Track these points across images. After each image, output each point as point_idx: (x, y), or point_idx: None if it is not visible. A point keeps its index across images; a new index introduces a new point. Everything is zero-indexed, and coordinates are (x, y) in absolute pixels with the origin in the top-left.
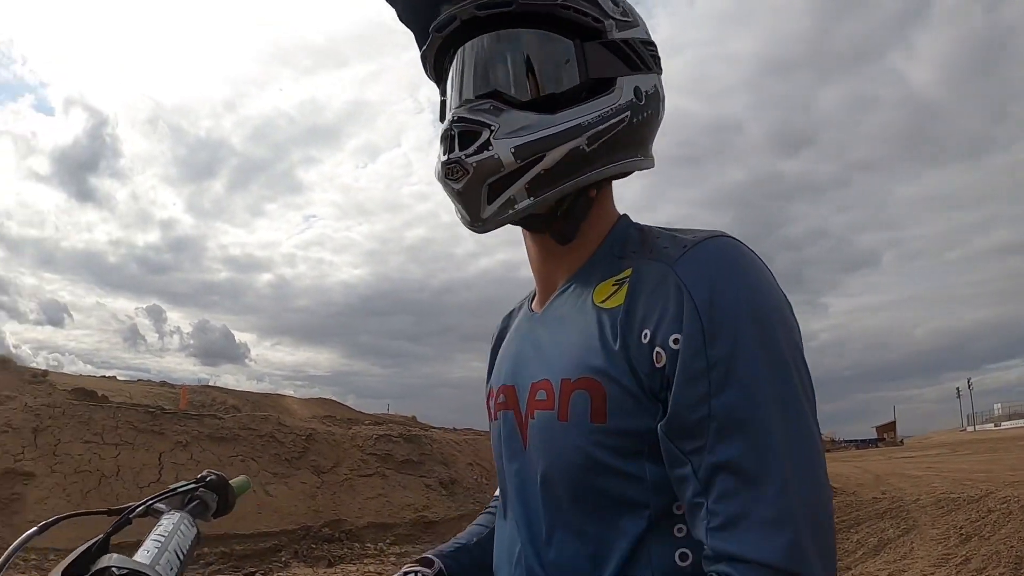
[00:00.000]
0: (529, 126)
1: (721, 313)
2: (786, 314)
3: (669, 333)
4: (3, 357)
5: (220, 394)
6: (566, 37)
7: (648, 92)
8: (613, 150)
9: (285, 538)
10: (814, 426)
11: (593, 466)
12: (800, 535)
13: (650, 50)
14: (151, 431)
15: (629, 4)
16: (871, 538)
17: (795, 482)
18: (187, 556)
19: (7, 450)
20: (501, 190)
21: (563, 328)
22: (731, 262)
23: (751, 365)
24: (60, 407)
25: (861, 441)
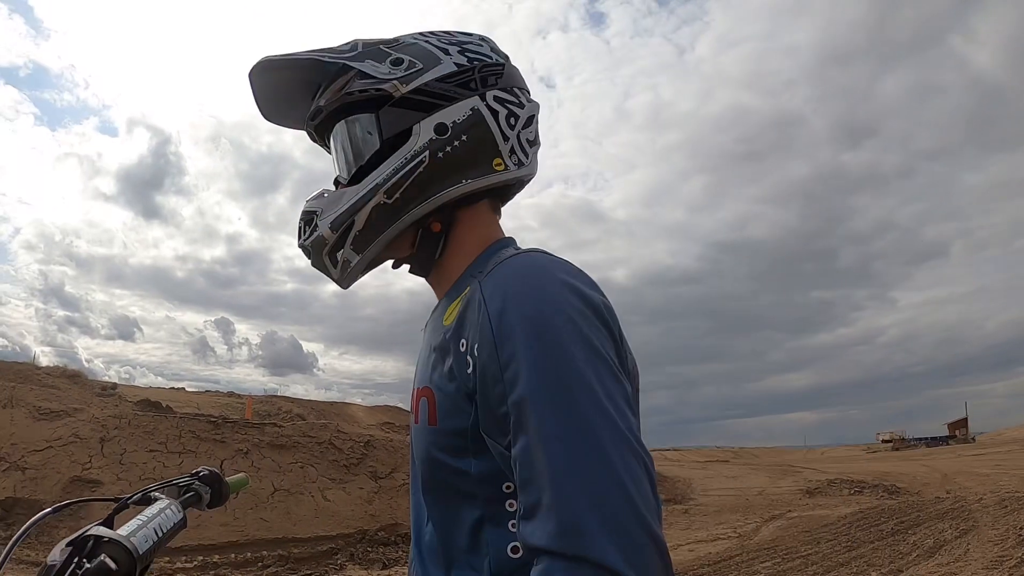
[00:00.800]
0: (339, 200)
1: (507, 320)
2: (572, 314)
3: (474, 342)
4: (74, 371)
5: (286, 403)
6: (368, 112)
7: (457, 120)
8: (422, 190)
9: (341, 541)
10: (601, 414)
11: (433, 462)
12: (575, 518)
13: (457, 79)
14: (213, 440)
15: (432, 46)
16: (928, 540)
17: (572, 468)
18: (166, 535)
19: (75, 459)
20: (336, 256)
21: (426, 343)
22: (522, 274)
23: (530, 365)
24: (126, 418)
25: (932, 439)
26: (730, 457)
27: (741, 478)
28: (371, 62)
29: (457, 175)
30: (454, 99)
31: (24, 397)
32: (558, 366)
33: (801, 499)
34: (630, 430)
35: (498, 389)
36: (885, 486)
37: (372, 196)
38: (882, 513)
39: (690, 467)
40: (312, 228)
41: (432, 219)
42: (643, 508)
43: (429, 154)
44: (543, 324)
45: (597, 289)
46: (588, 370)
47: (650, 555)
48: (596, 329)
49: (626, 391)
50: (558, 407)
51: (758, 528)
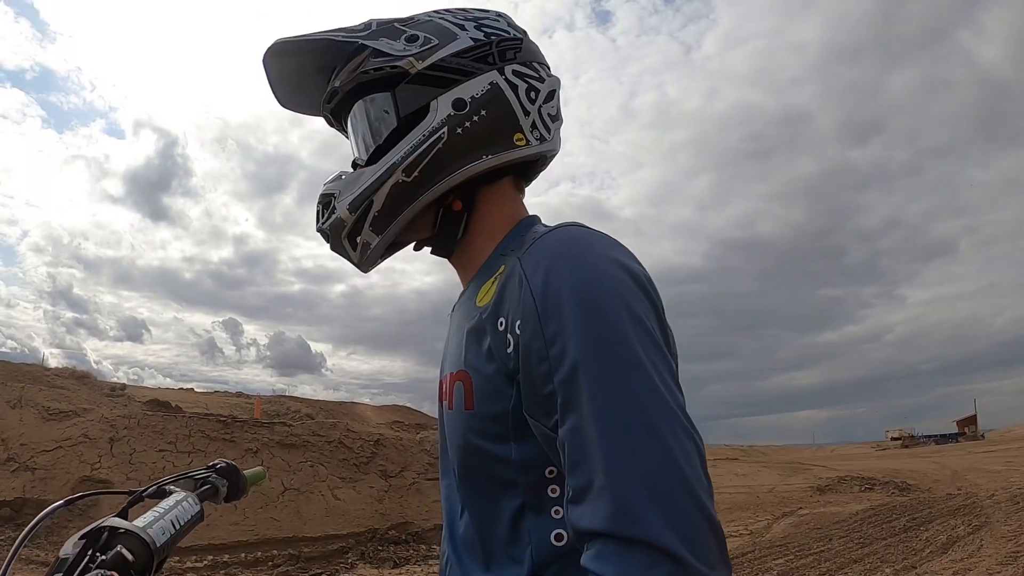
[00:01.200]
0: (358, 181)
1: (552, 296)
2: (619, 288)
3: (515, 319)
4: (83, 372)
5: (294, 403)
6: (384, 91)
7: (475, 95)
8: (441, 167)
9: (352, 540)
10: (652, 391)
11: (471, 449)
12: (629, 499)
13: (473, 54)
14: (223, 439)
15: (447, 23)
16: (940, 536)
17: (625, 448)
18: (183, 527)
19: (85, 459)
20: (356, 238)
21: (456, 327)
22: (564, 248)
23: (578, 341)
24: (135, 418)
25: (941, 436)
26: (740, 455)
27: (751, 476)
28: (386, 40)
29: (477, 151)
30: (472, 74)
31: (33, 398)
32: (606, 343)
33: (812, 496)
34: (680, 407)
35: (543, 368)
36: (896, 483)
37: (390, 175)
38: (893, 510)
39: None
40: (330, 211)
41: (453, 197)
42: (697, 487)
43: (448, 130)
44: (590, 299)
45: (639, 262)
46: (637, 346)
47: (705, 535)
48: (642, 304)
49: (672, 367)
50: (608, 385)
51: (769, 525)
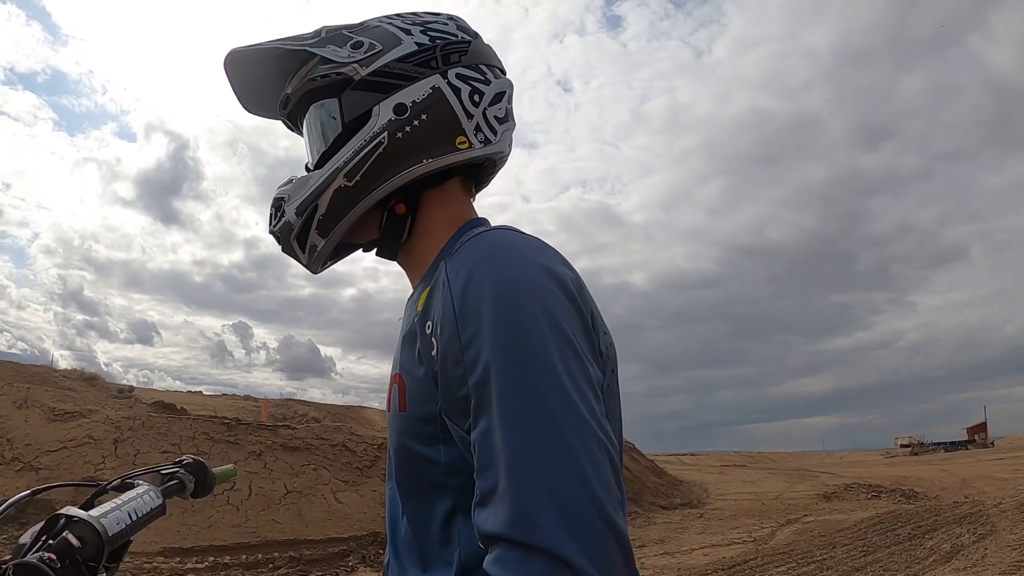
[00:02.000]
0: (304, 185)
1: (471, 299)
2: (540, 293)
3: (438, 323)
4: (92, 374)
5: (302, 407)
6: (326, 99)
7: (417, 100)
8: (382, 171)
9: (353, 544)
10: (564, 398)
11: (404, 451)
12: (530, 505)
13: (416, 58)
14: (227, 441)
15: (393, 28)
16: (945, 544)
17: (530, 453)
18: (140, 519)
19: (89, 460)
20: (304, 241)
21: (400, 330)
22: (488, 252)
23: (492, 346)
24: (140, 419)
25: (950, 443)
26: (747, 462)
27: (758, 483)
28: (332, 47)
29: (417, 155)
30: (414, 79)
31: (39, 398)
32: (521, 347)
33: (818, 503)
34: (593, 416)
35: (458, 371)
36: (903, 491)
37: (333, 179)
38: (899, 518)
39: (707, 471)
40: (280, 214)
41: (396, 200)
42: (603, 496)
43: (388, 135)
44: (507, 304)
45: (567, 265)
46: (553, 353)
47: (608, 545)
48: (564, 309)
49: (591, 375)
50: (519, 390)
51: (773, 532)
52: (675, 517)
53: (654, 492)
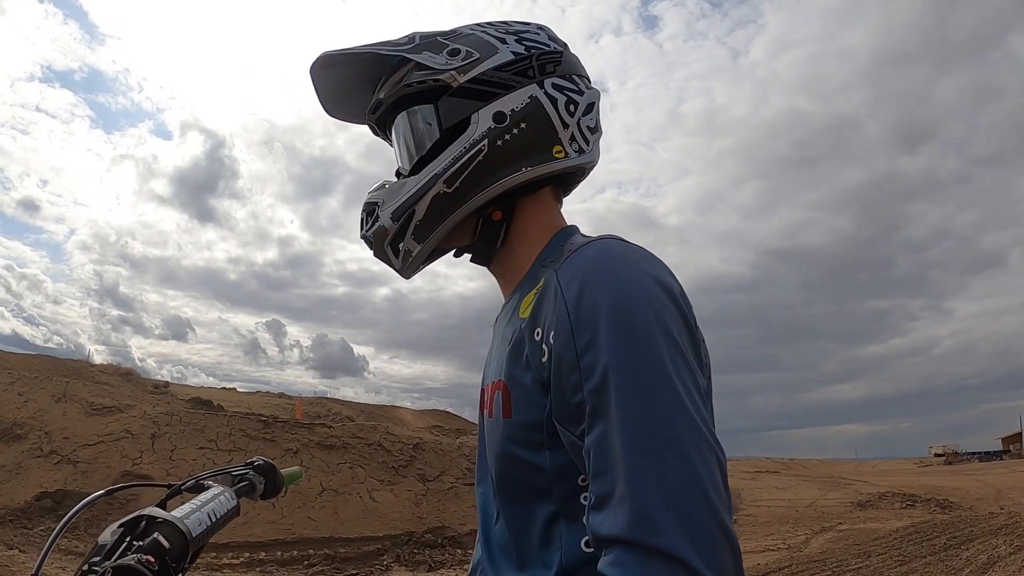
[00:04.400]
0: (400, 190)
1: (586, 308)
2: (652, 302)
3: (550, 330)
4: (127, 369)
5: (335, 405)
6: (423, 104)
7: (516, 108)
8: (482, 179)
9: (388, 543)
10: (678, 405)
11: (508, 457)
12: (649, 508)
13: (514, 67)
14: (263, 438)
15: (489, 36)
16: (981, 555)
17: (648, 458)
18: (219, 520)
19: (126, 454)
20: (398, 246)
21: (499, 337)
22: (600, 261)
23: (609, 353)
24: (177, 415)
25: (985, 453)
26: (780, 468)
27: (791, 489)
28: (428, 53)
29: (516, 163)
30: (512, 87)
31: (77, 393)
32: (637, 355)
33: (852, 512)
34: (705, 423)
35: (574, 377)
36: (937, 500)
37: (432, 185)
38: (934, 528)
39: (739, 477)
40: (374, 219)
41: (493, 208)
42: (716, 501)
43: (488, 142)
44: (623, 312)
45: (673, 275)
46: (667, 361)
47: (722, 549)
48: (674, 319)
49: (699, 383)
50: (636, 396)
51: (808, 540)
52: None
53: None
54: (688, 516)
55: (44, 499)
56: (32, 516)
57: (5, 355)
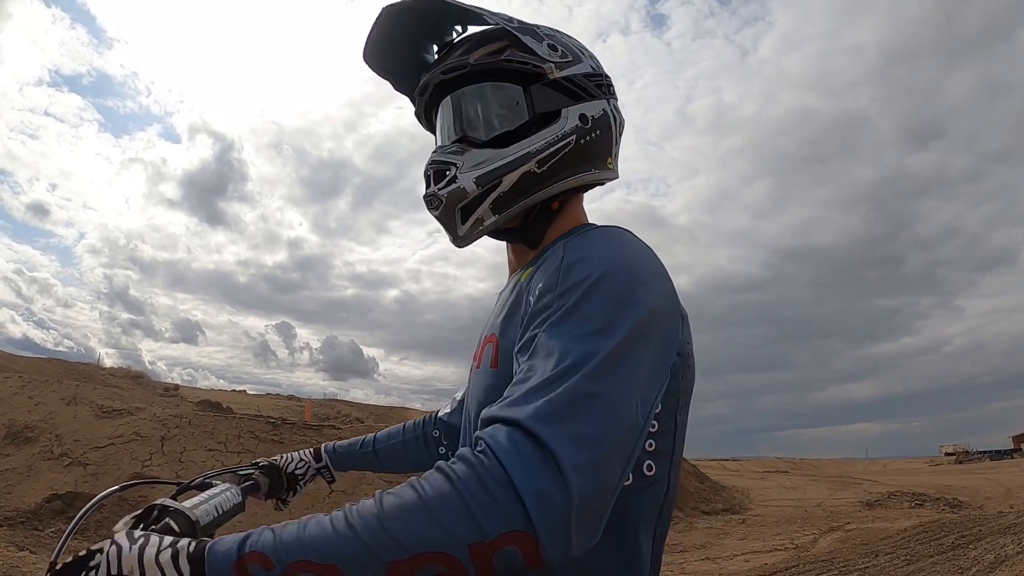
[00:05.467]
0: (487, 160)
1: (579, 268)
2: (645, 281)
3: (539, 284)
4: (137, 372)
5: (345, 407)
6: (516, 83)
7: (595, 116)
8: (564, 168)
9: None
10: (629, 368)
11: (490, 404)
12: (557, 409)
13: (594, 80)
14: (272, 440)
15: (572, 45)
16: (988, 555)
17: (572, 429)
18: (225, 512)
19: (136, 456)
20: (470, 212)
21: (500, 302)
22: (606, 240)
23: (583, 309)
24: (186, 417)
25: (996, 452)
26: (790, 468)
27: (800, 489)
28: (531, 39)
29: (588, 164)
30: (594, 96)
31: (88, 396)
32: (611, 315)
33: (860, 511)
34: (644, 401)
35: (540, 317)
36: (947, 499)
37: (525, 162)
38: (943, 527)
39: (749, 477)
40: (450, 180)
41: (555, 197)
42: (616, 451)
43: (576, 138)
44: (613, 281)
45: (669, 277)
46: (638, 333)
47: (602, 489)
48: (663, 304)
49: (660, 370)
50: (595, 337)
51: (815, 540)
52: (717, 523)
53: (696, 497)
54: (590, 438)
55: (54, 501)
56: (43, 518)
57: (16, 359)
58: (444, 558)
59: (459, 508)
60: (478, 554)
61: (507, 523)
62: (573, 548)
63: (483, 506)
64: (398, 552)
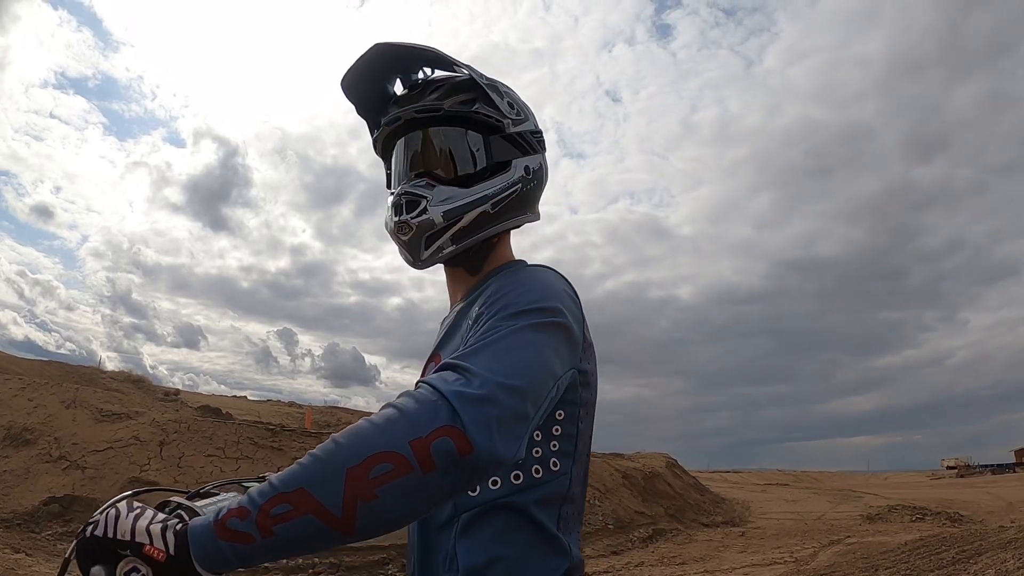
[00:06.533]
0: (453, 197)
1: (494, 297)
2: (558, 295)
3: (476, 310)
4: (138, 376)
5: (345, 414)
6: (478, 132)
7: (534, 169)
8: (509, 211)
9: (394, 552)
10: (537, 341)
11: None
12: (477, 350)
13: (536, 136)
14: (271, 447)
15: (522, 104)
16: (989, 570)
17: (489, 362)
18: None
19: (134, 460)
20: (434, 241)
21: (441, 327)
22: (524, 275)
23: (507, 307)
24: (186, 423)
25: (998, 466)
26: (791, 480)
27: (801, 502)
28: (496, 95)
29: (525, 209)
30: (536, 151)
31: (87, 399)
32: (526, 305)
33: (861, 525)
34: (548, 365)
35: (467, 335)
36: (948, 514)
37: (483, 203)
38: (943, 541)
39: (750, 489)
40: (421, 210)
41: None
42: (528, 392)
43: (521, 186)
44: (531, 289)
45: (579, 303)
46: (547, 329)
47: (501, 411)
48: (570, 312)
49: (564, 356)
50: (510, 321)
51: (815, 553)
52: (716, 535)
53: (696, 509)
54: (498, 365)
55: (52, 504)
56: (40, 520)
57: (17, 360)
58: (390, 455)
59: (398, 417)
60: (417, 448)
61: (437, 420)
62: (496, 445)
63: (417, 411)
64: (352, 459)
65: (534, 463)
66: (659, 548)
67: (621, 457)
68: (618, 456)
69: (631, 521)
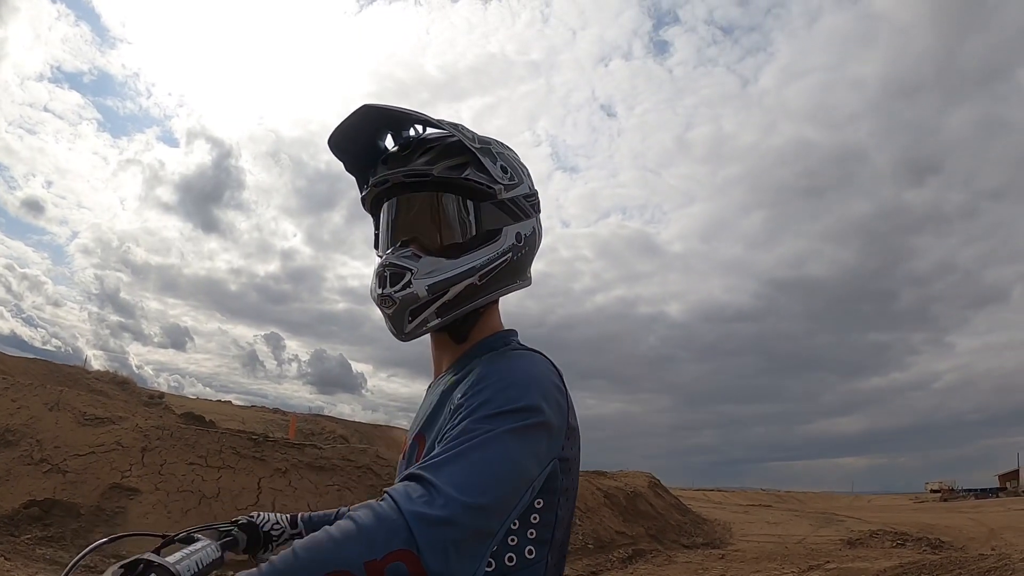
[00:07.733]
0: (438, 269)
1: (475, 389)
2: (536, 392)
3: (458, 395)
4: (124, 378)
5: (330, 423)
6: (468, 199)
7: (526, 235)
8: (497, 282)
9: None
10: (512, 447)
11: None
12: (444, 461)
13: (530, 200)
14: (253, 457)
15: (516, 165)
16: None
17: (457, 477)
18: (205, 568)
19: (116, 466)
20: (418, 314)
21: (428, 402)
22: (509, 365)
23: (485, 405)
24: (168, 429)
25: (981, 490)
26: (774, 501)
27: (783, 524)
28: (488, 160)
29: (515, 277)
30: (528, 216)
31: (71, 401)
32: (504, 403)
33: (841, 550)
34: (524, 472)
35: (456, 415)
36: (929, 539)
37: (471, 276)
38: (922, 568)
39: (732, 510)
40: (405, 283)
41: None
42: (496, 507)
43: (511, 256)
44: (490, 404)
45: (565, 391)
46: (525, 425)
47: (464, 522)
48: (554, 408)
49: (542, 456)
50: (486, 424)
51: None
52: (696, 557)
53: (677, 530)
54: (465, 481)
55: (32, 507)
56: (19, 524)
57: (2, 357)
58: (345, 574)
59: (355, 534)
60: (371, 570)
61: (394, 542)
62: (452, 569)
63: (374, 530)
64: (307, 574)
65: (508, 551)
66: (638, 569)
67: (603, 475)
68: (600, 474)
69: (611, 541)
